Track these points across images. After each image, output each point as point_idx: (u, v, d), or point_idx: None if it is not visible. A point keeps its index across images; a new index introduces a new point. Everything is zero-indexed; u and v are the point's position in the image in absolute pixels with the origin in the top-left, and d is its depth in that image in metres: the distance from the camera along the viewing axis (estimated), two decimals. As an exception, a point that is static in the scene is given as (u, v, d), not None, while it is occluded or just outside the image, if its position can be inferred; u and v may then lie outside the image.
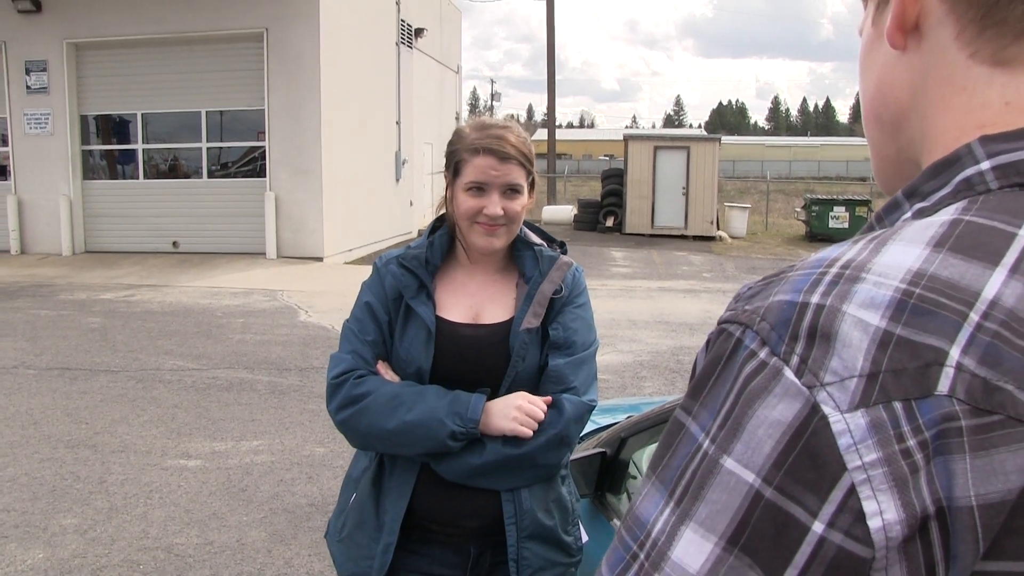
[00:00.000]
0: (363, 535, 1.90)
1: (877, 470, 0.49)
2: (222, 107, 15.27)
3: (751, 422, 0.52)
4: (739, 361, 0.54)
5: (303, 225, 14.72)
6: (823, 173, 58.98)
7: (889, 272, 0.53)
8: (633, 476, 2.56)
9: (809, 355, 0.51)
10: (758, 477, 0.51)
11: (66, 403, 6.53)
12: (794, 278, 0.56)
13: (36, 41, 15.18)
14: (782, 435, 0.50)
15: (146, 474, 5.12)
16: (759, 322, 0.54)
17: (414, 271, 1.91)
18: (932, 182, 0.60)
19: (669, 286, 13.35)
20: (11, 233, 15.45)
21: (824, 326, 0.52)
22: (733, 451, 0.52)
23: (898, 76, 0.64)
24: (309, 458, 5.38)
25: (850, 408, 0.49)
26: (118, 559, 4.05)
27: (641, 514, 0.56)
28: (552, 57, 27.69)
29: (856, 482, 0.49)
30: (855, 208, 19.81)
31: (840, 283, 0.53)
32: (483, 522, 1.87)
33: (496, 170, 1.85)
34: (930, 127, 0.62)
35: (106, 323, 9.68)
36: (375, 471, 1.93)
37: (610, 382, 7.27)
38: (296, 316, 10.25)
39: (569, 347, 1.88)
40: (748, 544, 0.51)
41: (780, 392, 0.51)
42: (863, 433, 0.49)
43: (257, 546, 4.20)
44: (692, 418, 0.56)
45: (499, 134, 1.87)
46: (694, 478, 0.54)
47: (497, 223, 1.86)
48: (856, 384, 0.50)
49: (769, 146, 78.18)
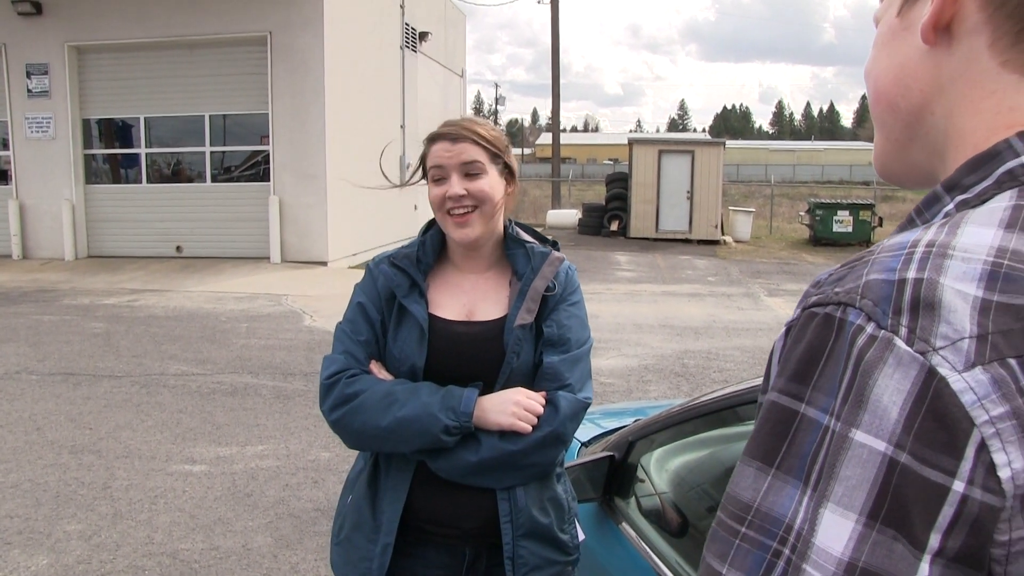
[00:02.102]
0: (361, 536, 1.90)
1: (1006, 423, 0.50)
2: (226, 111, 15.25)
3: (873, 392, 0.53)
4: (847, 337, 0.55)
5: (307, 230, 14.71)
6: (827, 177, 59.00)
7: (973, 249, 0.55)
8: (641, 480, 2.54)
9: (916, 325, 0.53)
10: (890, 444, 0.52)
11: (69, 408, 6.51)
12: (883, 259, 0.58)
13: (37, 44, 15.16)
14: (904, 401, 0.52)
15: (151, 479, 5.09)
16: (860, 299, 0.56)
17: (405, 270, 1.93)
18: (972, 175, 0.62)
19: (674, 290, 13.32)
20: (13, 238, 15.44)
21: (927, 297, 0.54)
22: (861, 422, 0.53)
23: (923, 69, 0.67)
24: (314, 463, 5.35)
25: (967, 367, 0.51)
26: (123, 565, 4.02)
27: (773, 509, 0.56)
28: (556, 61, 27.69)
29: (986, 436, 0.50)
30: (859, 212, 19.77)
31: (931, 259, 0.56)
32: (479, 522, 1.87)
33: (449, 151, 1.87)
34: (956, 125, 0.65)
35: (110, 328, 9.67)
36: (371, 472, 1.92)
37: (615, 386, 7.24)
38: (301, 321, 10.23)
39: (564, 344, 1.88)
40: (889, 515, 0.51)
41: (894, 362, 0.53)
42: (986, 389, 0.51)
43: (263, 551, 4.17)
44: (807, 404, 0.56)
45: (452, 121, 1.93)
46: (826, 460, 0.54)
47: (464, 207, 1.86)
48: (968, 345, 0.52)
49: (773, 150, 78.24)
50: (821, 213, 20.03)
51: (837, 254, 18.48)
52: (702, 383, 7.44)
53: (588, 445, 2.93)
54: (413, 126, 19.01)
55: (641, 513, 2.42)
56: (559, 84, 28.09)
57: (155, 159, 15.88)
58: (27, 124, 15.38)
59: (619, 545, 2.38)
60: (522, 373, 1.87)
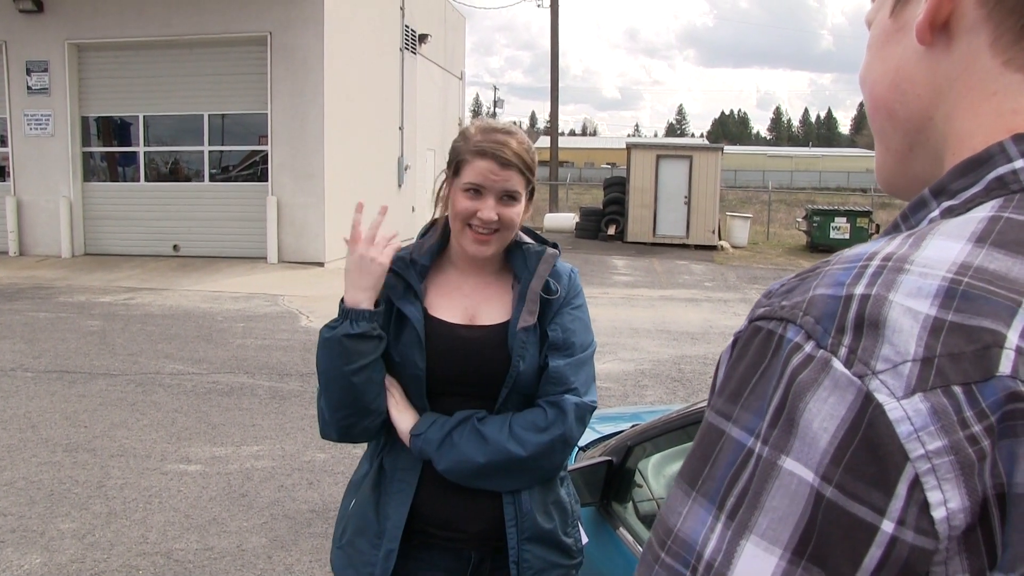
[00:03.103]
0: (364, 541, 1.89)
1: (943, 458, 0.46)
2: (224, 111, 15.25)
3: (804, 416, 0.49)
4: (783, 356, 0.51)
5: (305, 230, 14.70)
6: (824, 183, 59.03)
7: (934, 264, 0.51)
8: (639, 485, 2.54)
9: (858, 345, 0.49)
10: (817, 476, 0.47)
11: (64, 406, 6.49)
12: (834, 271, 0.54)
13: (37, 41, 15.16)
14: (837, 429, 0.47)
15: (145, 479, 5.08)
16: (802, 316, 0.51)
17: (400, 272, 1.92)
18: (961, 180, 0.58)
19: (671, 295, 13.32)
20: (10, 235, 15.42)
21: (871, 315, 0.49)
22: (791, 449, 0.49)
23: (920, 72, 0.62)
24: (310, 464, 5.34)
25: (906, 393, 0.47)
26: (117, 564, 4.00)
27: (688, 535, 0.52)
28: (556, 64, 27.71)
29: (920, 472, 0.46)
30: (856, 219, 19.79)
31: (884, 274, 0.51)
32: (484, 525, 1.87)
33: (496, 175, 1.83)
34: (954, 129, 0.61)
35: (105, 326, 9.65)
36: (376, 475, 1.91)
37: (612, 390, 7.24)
38: (297, 321, 10.22)
39: (568, 348, 1.87)
40: (815, 553, 0.47)
41: (830, 384, 0.48)
42: (924, 419, 0.46)
43: (257, 552, 4.16)
44: (733, 423, 0.53)
45: (502, 140, 1.85)
46: (749, 486, 0.50)
47: (489, 229, 1.85)
48: (911, 369, 0.47)
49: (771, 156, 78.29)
50: (818, 220, 20.06)
51: (834, 261, 18.46)
52: (699, 388, 7.43)
53: (585, 450, 2.92)
54: (411, 128, 19.01)
55: (638, 518, 2.41)
56: (558, 88, 28.11)
57: (153, 158, 15.86)
58: (26, 121, 15.37)
59: (616, 550, 2.37)
60: (528, 377, 1.86)
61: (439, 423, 1.83)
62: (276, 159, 14.75)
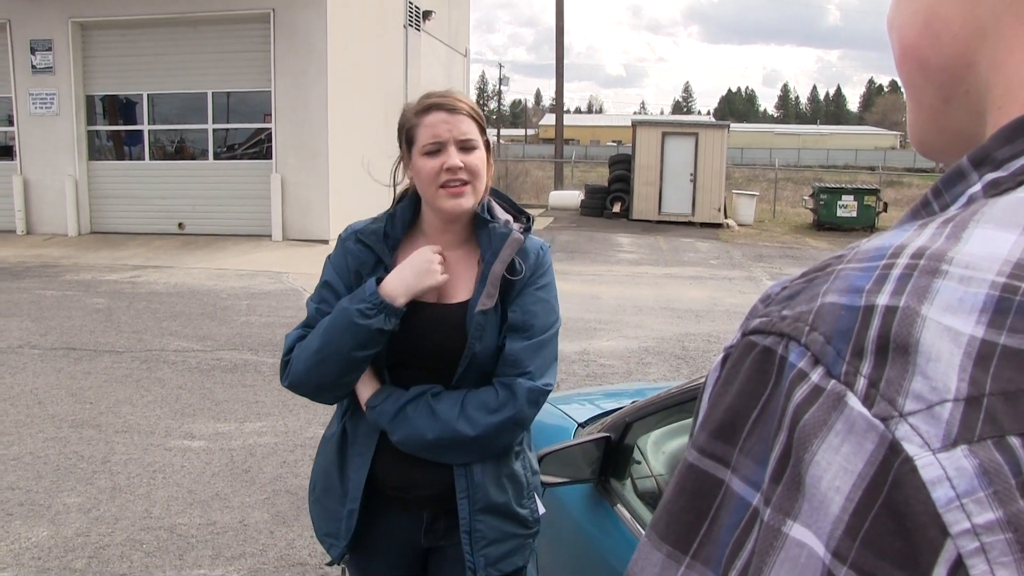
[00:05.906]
0: (331, 499, 2.02)
1: (996, 535, 0.34)
2: (229, 89, 15.20)
3: (811, 470, 0.37)
4: (784, 387, 0.40)
5: (309, 208, 14.69)
6: (832, 161, 58.81)
7: (979, 264, 0.38)
8: (637, 461, 2.54)
9: (881, 376, 0.37)
10: (827, 551, 0.36)
11: (70, 383, 6.53)
12: (849, 272, 0.42)
13: (41, 20, 15.09)
14: (852, 489, 0.36)
15: (149, 454, 5.11)
16: (808, 332, 0.40)
17: (371, 246, 1.94)
18: (1009, 146, 0.45)
19: (675, 273, 13.31)
20: (17, 213, 15.44)
21: (898, 336, 0.37)
22: (799, 513, 0.38)
23: (957, 8, 0.50)
24: (312, 440, 5.36)
25: (945, 445, 0.35)
26: (121, 538, 4.04)
27: None
28: (560, 41, 27.56)
29: (965, 553, 0.34)
30: (864, 197, 19.69)
31: (914, 277, 0.39)
32: (434, 490, 1.93)
33: (448, 122, 1.86)
34: (1002, 78, 0.48)
35: (111, 304, 9.68)
36: (340, 438, 2.00)
37: (615, 367, 7.25)
38: (301, 298, 10.24)
39: (527, 330, 1.88)
40: None
41: (843, 428, 0.37)
42: (970, 481, 0.34)
43: (260, 527, 4.20)
44: (732, 471, 0.42)
45: (443, 93, 1.92)
46: (752, 558, 0.40)
47: (459, 177, 1.85)
48: (952, 412, 0.35)
49: (778, 134, 78.00)
50: (825, 197, 19.97)
51: (840, 239, 18.43)
52: (702, 366, 7.44)
53: (585, 426, 2.93)
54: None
55: (637, 495, 2.42)
56: (563, 64, 27.98)
57: (158, 136, 15.84)
58: (31, 100, 15.35)
59: (614, 527, 2.38)
60: (485, 357, 1.88)
61: (394, 396, 1.88)
62: (280, 137, 14.72)
